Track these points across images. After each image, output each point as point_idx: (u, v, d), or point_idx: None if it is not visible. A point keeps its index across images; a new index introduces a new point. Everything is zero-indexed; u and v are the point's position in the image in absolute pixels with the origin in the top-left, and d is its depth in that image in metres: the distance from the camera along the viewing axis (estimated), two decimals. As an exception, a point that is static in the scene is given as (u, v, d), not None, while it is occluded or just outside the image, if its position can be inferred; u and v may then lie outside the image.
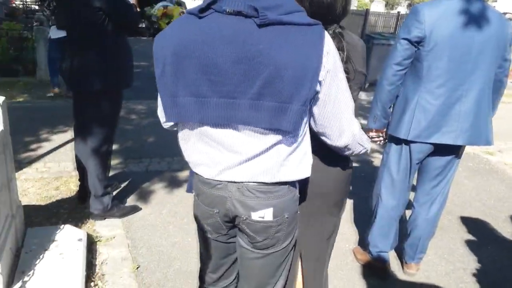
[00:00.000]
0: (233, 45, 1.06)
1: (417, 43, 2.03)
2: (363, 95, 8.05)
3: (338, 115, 1.20)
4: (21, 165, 3.61)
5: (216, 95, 1.11)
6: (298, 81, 1.06)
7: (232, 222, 1.31)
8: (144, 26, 13.51)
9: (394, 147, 2.30)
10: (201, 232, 1.41)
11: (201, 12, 1.10)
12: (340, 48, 1.39)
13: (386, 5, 35.46)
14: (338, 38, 1.40)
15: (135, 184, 3.50)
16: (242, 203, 1.23)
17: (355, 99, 1.57)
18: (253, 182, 1.20)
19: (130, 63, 2.78)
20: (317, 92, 1.13)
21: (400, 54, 2.08)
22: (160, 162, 4.01)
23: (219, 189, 1.25)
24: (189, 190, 1.43)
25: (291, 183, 1.26)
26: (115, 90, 2.75)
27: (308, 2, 1.42)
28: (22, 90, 6.14)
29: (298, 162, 1.22)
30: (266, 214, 1.23)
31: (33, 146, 4.11)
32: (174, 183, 3.56)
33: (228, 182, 1.22)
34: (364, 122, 5.46)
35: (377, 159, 4.40)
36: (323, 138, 1.28)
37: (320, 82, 1.11)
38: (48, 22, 6.39)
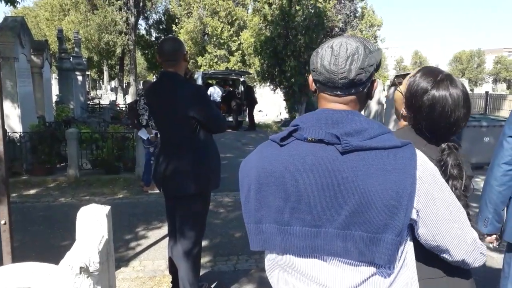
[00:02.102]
0: (316, 173, 1.04)
1: None
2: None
3: (450, 231, 1.10)
4: (120, 263, 3.79)
5: (299, 223, 1.07)
6: (390, 210, 0.99)
7: None
8: (230, 119, 14.53)
9: (516, 258, 2.02)
10: None
11: (282, 140, 1.11)
12: (457, 165, 1.29)
13: (469, 82, 34.37)
14: (454, 155, 1.30)
15: (224, 284, 3.45)
16: None
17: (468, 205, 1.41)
18: None
19: (218, 164, 2.88)
20: (418, 217, 1.06)
21: (509, 152, 1.93)
22: (248, 259, 3.95)
23: None
24: None
25: None
26: (205, 192, 2.85)
27: (424, 115, 1.33)
28: (123, 186, 6.71)
29: None
30: None
31: (131, 244, 4.33)
32: (262, 284, 3.45)
33: None
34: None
35: (489, 258, 3.89)
36: (442, 256, 1.17)
37: (417, 209, 1.04)
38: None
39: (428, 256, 1.19)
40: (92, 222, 2.21)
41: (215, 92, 14.97)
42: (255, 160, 1.16)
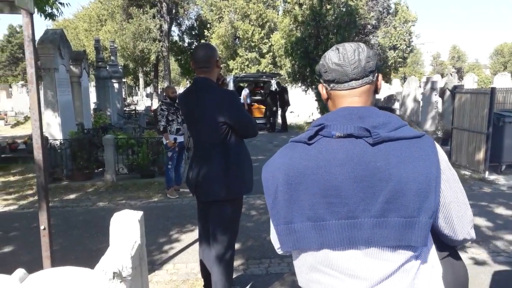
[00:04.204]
0: (349, 166, 1.07)
1: None
2: (501, 180, 7.12)
3: (458, 211, 1.16)
4: (154, 266, 3.86)
5: (335, 217, 1.08)
6: (423, 193, 1.05)
7: None
8: (262, 122, 14.54)
9: None
10: None
11: (310, 139, 1.14)
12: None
13: (512, 76, 32.73)
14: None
15: (257, 288, 3.44)
16: None
17: None
18: None
19: (250, 168, 2.88)
20: (440, 198, 1.11)
21: None
22: (280, 263, 3.93)
23: None
24: None
25: None
26: (238, 196, 2.85)
27: None
28: (157, 190, 6.85)
29: (428, 278, 1.11)
30: None
31: (165, 247, 4.40)
32: (295, 288, 3.41)
33: None
34: (508, 212, 4.62)
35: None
36: (448, 236, 1.21)
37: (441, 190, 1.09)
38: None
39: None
40: (125, 227, 2.25)
41: (247, 98, 15.12)
42: (280, 162, 1.18)
